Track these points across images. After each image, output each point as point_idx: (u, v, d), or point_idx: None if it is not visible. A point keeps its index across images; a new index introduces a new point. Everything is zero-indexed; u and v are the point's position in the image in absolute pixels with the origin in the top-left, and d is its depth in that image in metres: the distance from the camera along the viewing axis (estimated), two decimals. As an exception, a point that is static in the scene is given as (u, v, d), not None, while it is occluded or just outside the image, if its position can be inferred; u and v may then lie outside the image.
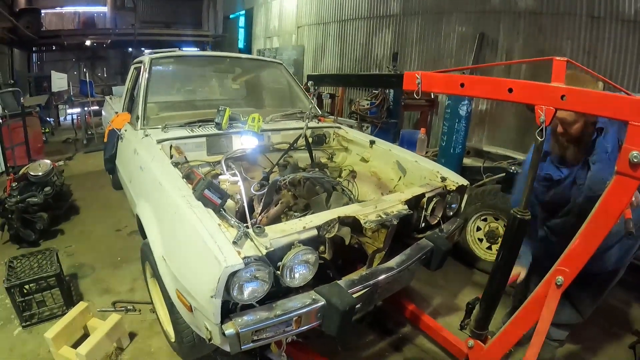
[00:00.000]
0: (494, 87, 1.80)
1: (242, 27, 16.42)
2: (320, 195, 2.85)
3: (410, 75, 2.03)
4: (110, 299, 3.46)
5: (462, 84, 1.88)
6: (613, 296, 3.89)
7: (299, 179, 2.95)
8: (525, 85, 1.68)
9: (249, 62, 5.00)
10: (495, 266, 2.12)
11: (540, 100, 1.61)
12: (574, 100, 1.54)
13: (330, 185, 3.03)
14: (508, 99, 1.72)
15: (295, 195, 2.90)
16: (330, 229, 2.16)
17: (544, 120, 1.60)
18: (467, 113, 4.62)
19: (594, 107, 1.52)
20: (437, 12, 7.98)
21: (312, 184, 2.96)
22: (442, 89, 2.05)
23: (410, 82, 2.04)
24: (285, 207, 2.81)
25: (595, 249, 1.70)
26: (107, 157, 3.99)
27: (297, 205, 2.84)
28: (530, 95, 1.66)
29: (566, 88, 1.56)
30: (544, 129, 1.62)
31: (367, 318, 3.28)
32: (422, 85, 2.00)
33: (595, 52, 5.95)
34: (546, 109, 1.59)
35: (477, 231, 4.14)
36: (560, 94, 1.55)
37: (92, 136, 9.74)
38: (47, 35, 15.23)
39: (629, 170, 1.46)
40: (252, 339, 1.80)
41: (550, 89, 1.60)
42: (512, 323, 2.07)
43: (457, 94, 1.94)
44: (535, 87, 1.65)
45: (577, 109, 1.56)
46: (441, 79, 2.00)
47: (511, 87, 1.70)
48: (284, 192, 2.90)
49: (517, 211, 1.89)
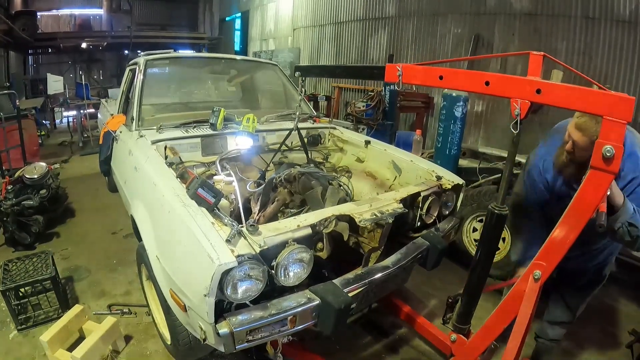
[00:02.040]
0: (471, 79, 1.83)
1: (238, 30, 16.48)
2: (315, 189, 2.83)
3: (392, 67, 2.07)
4: (106, 302, 3.46)
5: (440, 76, 1.91)
6: (610, 296, 3.91)
7: (294, 175, 2.94)
8: (501, 79, 1.71)
9: (243, 63, 5.00)
10: (475, 261, 2.15)
11: (516, 94, 1.64)
12: (549, 94, 1.55)
13: (326, 180, 3.01)
14: (485, 91, 1.75)
15: (291, 191, 2.89)
16: (328, 224, 2.16)
17: (519, 113, 1.62)
18: (463, 114, 4.64)
19: (569, 102, 1.53)
20: (432, 13, 8.00)
21: (308, 179, 2.95)
22: (421, 81, 2.08)
23: (391, 74, 2.08)
24: (281, 205, 2.80)
25: (572, 242, 1.72)
26: (103, 159, 3.98)
27: (293, 202, 2.84)
28: (506, 89, 1.69)
29: (542, 82, 1.58)
30: (519, 122, 1.64)
31: (363, 320, 3.28)
32: (402, 77, 2.05)
33: (590, 53, 5.97)
34: (521, 102, 1.61)
35: (474, 232, 4.14)
36: (536, 88, 1.57)
37: (88, 139, 9.72)
38: (43, 37, 15.18)
39: (602, 164, 1.48)
40: (247, 338, 1.80)
41: (526, 82, 1.63)
42: (493, 317, 2.10)
43: (436, 86, 1.97)
44: (511, 80, 1.67)
45: (552, 103, 1.56)
46: (421, 71, 2.04)
47: (488, 80, 1.72)
48: (280, 189, 2.90)
49: (495, 207, 1.92)
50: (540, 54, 1.71)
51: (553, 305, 2.77)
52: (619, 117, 1.41)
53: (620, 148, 1.44)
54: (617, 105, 1.42)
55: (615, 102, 1.42)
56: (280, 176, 2.92)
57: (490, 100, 7.14)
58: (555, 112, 6.09)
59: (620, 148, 1.44)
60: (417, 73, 2.04)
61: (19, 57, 14.62)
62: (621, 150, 1.44)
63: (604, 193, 1.59)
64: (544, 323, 2.82)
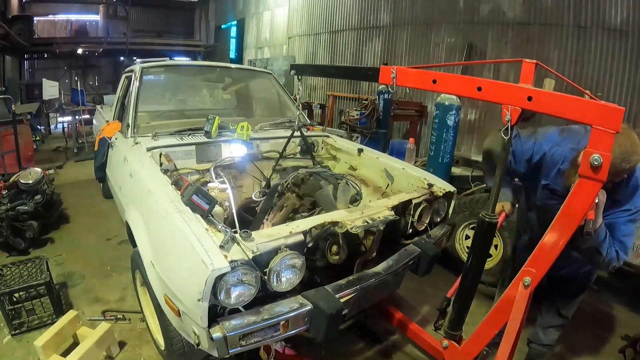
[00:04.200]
0: (464, 84, 1.86)
1: (234, 38, 16.51)
2: (326, 188, 2.82)
3: (386, 69, 2.10)
4: (100, 308, 3.45)
5: (434, 80, 1.94)
6: (603, 302, 3.95)
7: (302, 177, 2.95)
8: (493, 85, 1.74)
9: (238, 71, 5.04)
10: (466, 268, 2.18)
11: (508, 100, 1.67)
12: (540, 102, 1.59)
13: (335, 179, 3.02)
14: (477, 97, 1.78)
15: (300, 195, 2.89)
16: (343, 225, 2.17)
17: (510, 120, 1.66)
18: (455, 123, 4.67)
19: (559, 110, 1.57)
20: (426, 22, 8.09)
21: (316, 180, 2.95)
22: (415, 84, 2.11)
23: (386, 76, 2.10)
24: (290, 211, 2.81)
25: (561, 249, 1.76)
26: (98, 165, 3.99)
27: (303, 206, 2.85)
28: (498, 95, 1.72)
29: (533, 89, 1.62)
30: (509, 128, 1.67)
31: (355, 326, 3.30)
32: (397, 80, 2.07)
33: (582, 61, 6.05)
34: (512, 108, 1.65)
35: (466, 239, 4.17)
36: (527, 95, 1.61)
37: (83, 145, 9.69)
38: (40, 42, 15.17)
39: (591, 172, 1.52)
40: (240, 343, 1.83)
41: (517, 89, 1.66)
42: (485, 323, 2.13)
43: (430, 89, 2.00)
44: (504, 87, 1.71)
45: (543, 110, 1.60)
46: (414, 74, 2.07)
47: (480, 86, 1.75)
48: (288, 194, 2.91)
49: (486, 215, 1.95)
50: (532, 62, 1.75)
51: (545, 311, 2.81)
52: (608, 127, 1.45)
53: (608, 157, 1.48)
54: (606, 115, 1.46)
55: (605, 112, 1.46)
56: (287, 180, 2.93)
57: (483, 109, 7.21)
58: (547, 121, 6.15)
59: (608, 157, 1.48)
60: (411, 76, 2.07)
61: (14, 61, 14.57)
62: (609, 159, 1.48)
63: (592, 201, 1.63)
64: (537, 328, 2.86)
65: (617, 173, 1.90)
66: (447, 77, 1.93)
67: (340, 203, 2.78)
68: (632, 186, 2.07)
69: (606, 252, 2.04)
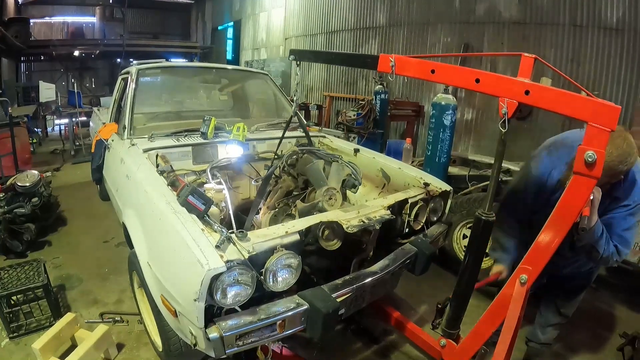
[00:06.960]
0: (462, 75, 1.86)
1: (230, 39, 16.54)
2: (316, 162, 2.81)
3: (385, 57, 2.08)
4: (98, 310, 3.45)
5: (432, 70, 1.93)
6: (602, 300, 3.96)
7: (297, 157, 2.96)
8: (491, 77, 1.74)
9: (235, 72, 5.05)
10: (463, 267, 2.18)
11: (505, 93, 1.67)
12: (537, 96, 1.60)
13: (329, 158, 3.01)
14: (475, 88, 1.78)
15: (294, 176, 2.90)
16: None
17: (507, 113, 1.66)
18: (452, 122, 4.69)
19: (556, 106, 1.57)
20: (422, 23, 8.11)
21: (309, 157, 2.95)
22: (414, 73, 2.08)
23: (385, 64, 2.08)
24: (285, 192, 2.82)
25: (557, 246, 1.76)
26: (95, 167, 3.99)
27: (297, 187, 2.85)
28: (496, 87, 1.72)
29: (531, 84, 1.62)
30: (506, 120, 1.68)
31: (353, 326, 3.30)
32: (395, 68, 2.05)
33: (578, 60, 6.07)
34: (508, 101, 1.65)
35: (464, 239, 4.17)
36: (525, 89, 1.61)
37: (80, 147, 9.69)
38: (36, 45, 15.19)
39: (585, 169, 1.53)
40: (237, 343, 1.83)
41: (515, 83, 1.66)
42: (482, 321, 2.13)
43: (428, 79, 1.99)
44: (502, 79, 1.71)
45: (539, 105, 1.61)
46: (413, 63, 2.05)
47: (478, 78, 1.75)
48: (284, 177, 2.93)
49: (482, 213, 1.95)
50: (532, 56, 1.74)
51: (545, 309, 2.82)
52: (603, 124, 1.46)
53: (602, 154, 1.48)
54: (602, 112, 1.46)
55: (601, 109, 1.46)
56: (282, 163, 2.93)
57: (480, 108, 7.23)
58: (543, 119, 6.18)
59: (602, 154, 1.48)
60: (410, 65, 2.05)
61: (11, 64, 14.55)
62: (603, 156, 1.49)
63: (587, 197, 1.63)
64: (536, 326, 2.87)
65: (615, 174, 1.93)
66: (445, 68, 1.92)
67: (332, 181, 2.78)
68: (630, 182, 2.08)
69: (603, 248, 2.06)
